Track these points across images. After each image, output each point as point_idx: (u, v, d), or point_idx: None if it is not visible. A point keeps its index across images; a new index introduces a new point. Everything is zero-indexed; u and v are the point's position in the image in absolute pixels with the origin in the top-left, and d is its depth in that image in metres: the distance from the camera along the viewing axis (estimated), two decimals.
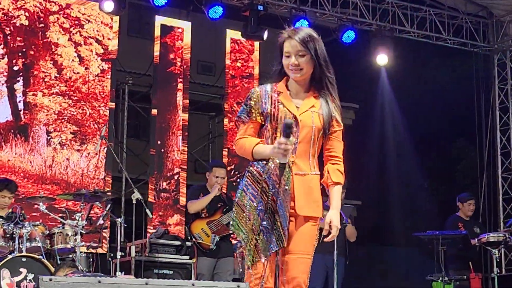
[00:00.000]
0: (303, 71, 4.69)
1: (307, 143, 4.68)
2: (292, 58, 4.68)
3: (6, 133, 12.15)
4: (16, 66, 12.48)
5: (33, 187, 12.02)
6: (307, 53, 4.66)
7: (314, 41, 4.70)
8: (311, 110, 4.70)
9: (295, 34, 4.71)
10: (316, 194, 4.73)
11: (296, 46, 4.67)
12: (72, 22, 12.93)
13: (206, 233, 9.36)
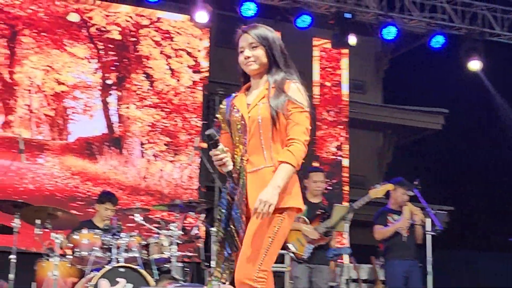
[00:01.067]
0: (257, 63, 4.54)
1: (257, 137, 4.43)
2: (245, 52, 4.55)
3: (100, 145, 12.43)
4: (109, 80, 12.77)
5: (128, 198, 12.25)
6: (259, 45, 4.54)
7: (266, 33, 4.59)
8: (260, 102, 4.47)
9: (248, 29, 4.61)
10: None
11: (248, 39, 4.55)
12: (163, 35, 13.16)
13: (301, 242, 9.26)
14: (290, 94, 4.42)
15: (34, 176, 11.86)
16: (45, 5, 12.49)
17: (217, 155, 4.33)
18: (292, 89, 4.45)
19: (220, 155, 4.32)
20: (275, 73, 4.54)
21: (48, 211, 8.42)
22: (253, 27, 4.61)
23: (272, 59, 4.56)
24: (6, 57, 12.21)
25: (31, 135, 12.02)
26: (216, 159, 4.34)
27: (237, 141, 4.50)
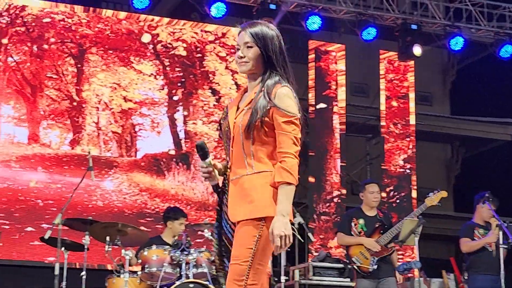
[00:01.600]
0: (249, 64, 4.22)
1: (239, 144, 4.15)
2: (239, 51, 4.27)
3: (168, 162, 12.50)
4: (176, 96, 12.85)
5: (196, 214, 12.27)
6: (255, 45, 4.21)
7: (264, 32, 4.24)
8: (246, 107, 4.18)
9: (245, 26, 4.30)
10: (254, 193, 4.09)
11: (244, 37, 4.25)
12: (228, 50, 13.20)
13: (364, 256, 9.22)
14: (277, 101, 4.09)
15: (103, 193, 11.97)
16: (111, 23, 12.64)
17: (203, 168, 4.20)
18: (280, 95, 4.10)
19: (206, 168, 4.19)
20: (269, 76, 4.21)
21: (117, 228, 8.48)
22: (252, 25, 4.28)
23: (267, 60, 4.22)
24: (74, 75, 12.38)
25: (99, 152, 12.14)
26: (203, 171, 4.22)
27: (226, 147, 4.29)
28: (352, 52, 14.53)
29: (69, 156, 11.96)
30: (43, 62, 12.27)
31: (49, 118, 12.08)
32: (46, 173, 11.74)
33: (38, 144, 11.92)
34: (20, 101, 12.02)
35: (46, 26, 12.26)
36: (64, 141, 12.07)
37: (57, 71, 12.32)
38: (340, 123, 13.91)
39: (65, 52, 12.38)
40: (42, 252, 10.98)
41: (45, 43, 12.28)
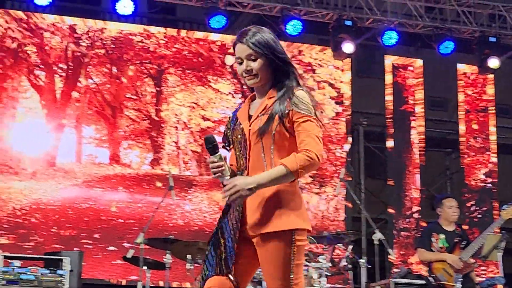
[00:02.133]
0: (258, 76, 4.07)
1: (258, 151, 3.99)
2: (243, 64, 4.09)
3: None
4: None
5: None
6: (260, 55, 4.05)
7: (266, 40, 4.07)
8: (261, 113, 4.03)
9: (242, 36, 4.09)
10: (279, 203, 3.94)
11: (244, 49, 4.06)
12: (304, 67, 13.23)
13: (448, 273, 9.07)
14: (295, 103, 3.97)
15: (183, 211, 12.08)
16: (188, 43, 12.79)
17: (214, 162, 3.93)
18: (298, 97, 3.99)
19: (217, 162, 3.92)
20: (279, 81, 4.08)
21: (198, 246, 8.53)
22: (249, 35, 4.07)
23: (274, 66, 4.08)
24: (153, 95, 12.56)
25: (179, 172, 12.27)
26: (213, 166, 3.93)
27: (238, 156, 4.08)
28: (430, 66, 14.40)
29: (149, 176, 12.12)
30: (123, 83, 12.48)
31: (129, 138, 12.27)
32: (127, 192, 11.92)
33: (119, 164, 12.12)
34: (101, 122, 12.25)
35: (125, 47, 12.48)
36: (144, 160, 12.24)
37: (136, 92, 12.52)
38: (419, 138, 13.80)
39: (144, 73, 12.58)
40: (125, 271, 11.14)
41: (124, 64, 12.50)
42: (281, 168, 3.85)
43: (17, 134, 11.78)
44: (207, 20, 11.93)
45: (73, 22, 12.35)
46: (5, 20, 12.01)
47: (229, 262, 3.96)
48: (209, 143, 3.93)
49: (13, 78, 11.95)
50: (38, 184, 11.68)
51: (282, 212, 3.92)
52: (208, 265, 4.03)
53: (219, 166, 3.90)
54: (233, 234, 3.97)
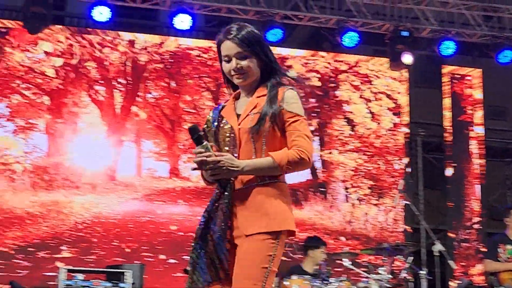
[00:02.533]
0: (248, 74, 3.97)
1: (249, 151, 3.86)
2: (232, 62, 3.96)
3: (305, 191, 12.58)
4: (311, 127, 12.90)
5: (335, 243, 12.29)
6: (250, 54, 3.95)
7: (255, 36, 3.98)
8: (251, 112, 3.92)
9: (230, 34, 3.96)
10: (268, 205, 3.82)
11: (233, 47, 3.95)
12: (361, 79, 13.23)
13: None
14: (285, 103, 3.88)
15: None
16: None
17: (201, 153, 3.78)
18: (287, 97, 3.89)
19: (205, 153, 3.77)
20: (267, 79, 3.99)
21: None
22: (237, 32, 3.97)
23: (263, 64, 3.99)
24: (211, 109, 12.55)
25: None
26: (200, 157, 3.78)
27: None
28: (488, 75, 14.27)
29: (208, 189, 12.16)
30: (181, 97, 12.61)
31: (188, 152, 12.38)
32: (187, 206, 12.03)
33: (179, 177, 12.23)
34: (160, 136, 12.39)
35: (183, 62, 12.61)
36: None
37: (194, 106, 12.64)
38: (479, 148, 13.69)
39: (202, 87, 12.70)
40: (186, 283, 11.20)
41: (182, 78, 12.63)
42: (269, 159, 3.80)
43: (78, 149, 11.96)
44: (264, 34, 11.98)
45: (132, 37, 12.52)
46: (65, 37, 12.23)
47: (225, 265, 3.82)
48: (194, 133, 3.82)
49: (73, 93, 12.16)
50: (99, 198, 11.84)
51: (268, 213, 3.80)
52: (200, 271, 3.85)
53: (207, 156, 3.75)
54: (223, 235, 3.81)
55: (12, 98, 11.89)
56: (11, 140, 11.79)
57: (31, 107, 11.95)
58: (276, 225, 3.81)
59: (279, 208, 3.84)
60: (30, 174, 11.67)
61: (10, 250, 11.28)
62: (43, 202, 11.56)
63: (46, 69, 12.11)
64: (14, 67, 11.97)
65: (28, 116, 11.90)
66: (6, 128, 11.82)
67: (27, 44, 12.09)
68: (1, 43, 11.97)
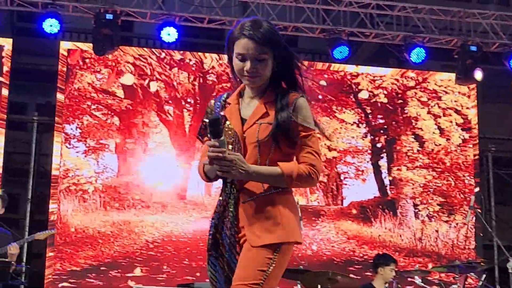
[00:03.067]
0: (261, 78, 3.72)
1: (253, 158, 3.66)
2: (247, 63, 3.67)
3: (374, 209, 12.52)
4: (379, 143, 12.89)
5: (405, 260, 12.19)
6: (268, 57, 3.68)
7: (275, 36, 3.70)
8: (259, 121, 3.68)
9: (248, 31, 3.64)
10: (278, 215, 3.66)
11: (254, 48, 3.65)
12: (429, 95, 13.13)
13: None
14: (298, 113, 3.70)
15: (311, 241, 12.13)
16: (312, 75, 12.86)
17: (216, 147, 3.52)
18: (299, 107, 3.71)
19: (220, 148, 3.52)
20: (278, 83, 3.79)
21: (328, 276, 8.55)
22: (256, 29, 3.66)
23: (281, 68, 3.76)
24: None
25: (306, 202, 12.33)
26: (214, 151, 3.53)
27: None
28: None
29: None
30: None
31: None
32: None
33: None
34: None
35: None
36: None
37: None
38: None
39: None
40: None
41: None
42: (277, 169, 3.64)
43: (148, 169, 12.10)
44: (331, 51, 11.99)
45: (200, 57, 12.64)
46: (134, 57, 12.40)
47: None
48: (216, 125, 3.53)
49: (143, 113, 12.31)
50: (169, 217, 11.96)
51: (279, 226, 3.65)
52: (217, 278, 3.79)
53: (221, 152, 3.52)
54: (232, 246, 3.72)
55: (83, 119, 12.09)
56: (82, 161, 11.99)
57: (102, 127, 12.13)
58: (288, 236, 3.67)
59: (288, 219, 3.69)
60: (101, 194, 11.84)
61: (82, 269, 11.45)
62: (114, 221, 11.72)
63: (116, 90, 12.29)
64: (85, 89, 12.18)
65: (99, 137, 12.09)
66: (77, 148, 12.01)
67: (97, 65, 12.29)
68: (72, 65, 12.19)
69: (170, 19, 11.58)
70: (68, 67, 12.16)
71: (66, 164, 11.86)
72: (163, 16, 11.69)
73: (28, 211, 12.22)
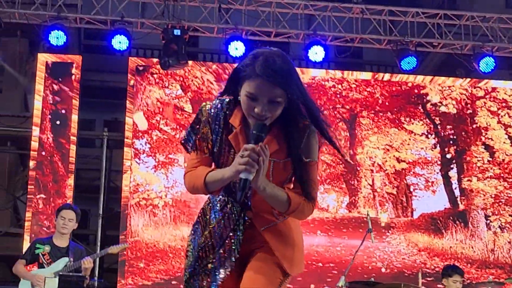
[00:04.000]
0: (271, 119, 3.45)
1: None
2: (258, 105, 3.39)
3: (445, 220, 12.38)
4: (448, 154, 12.75)
5: (477, 272, 12.03)
6: (283, 98, 3.41)
7: (291, 76, 3.41)
8: (272, 158, 3.46)
9: (267, 71, 3.35)
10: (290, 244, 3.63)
11: (267, 91, 3.37)
12: (499, 104, 12.96)
13: None
14: (308, 151, 3.54)
15: (382, 254, 12.04)
16: (380, 86, 12.83)
17: (253, 152, 3.30)
18: (308, 144, 3.54)
19: (257, 153, 3.30)
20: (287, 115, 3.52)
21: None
22: (273, 69, 3.36)
23: (288, 104, 3.48)
24: (346, 139, 12.66)
25: (376, 214, 12.26)
26: (252, 156, 3.29)
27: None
28: None
29: (346, 219, 12.18)
30: None
31: (325, 182, 12.40)
32: (325, 236, 12.03)
33: (317, 208, 12.25)
34: None
35: (318, 93, 12.66)
36: (341, 204, 12.33)
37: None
38: None
39: (337, 117, 12.71)
40: None
41: None
42: (284, 195, 3.49)
43: None
44: (398, 62, 11.93)
45: None
46: (202, 72, 12.49)
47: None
48: (263, 132, 3.36)
49: None
50: None
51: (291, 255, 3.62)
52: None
53: (257, 158, 3.30)
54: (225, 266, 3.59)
55: (152, 134, 12.20)
56: (152, 176, 12.09)
57: (170, 142, 12.23)
58: (295, 270, 3.65)
59: (299, 252, 3.67)
60: (171, 209, 11.92)
61: (153, 284, 11.53)
62: (184, 236, 11.78)
63: (184, 104, 12.39)
64: (154, 104, 12.30)
65: (168, 151, 12.19)
66: (147, 163, 12.13)
67: (165, 80, 12.41)
68: (141, 80, 12.32)
69: (237, 33, 11.65)
70: (136, 82, 12.30)
71: (136, 179, 11.98)
72: (230, 30, 11.76)
73: (99, 226, 12.35)
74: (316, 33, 11.92)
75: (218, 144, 3.57)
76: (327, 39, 12.03)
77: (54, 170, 11.87)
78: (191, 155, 3.64)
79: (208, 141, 3.58)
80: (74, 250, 8.59)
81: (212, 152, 3.60)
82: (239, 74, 3.45)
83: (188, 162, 3.67)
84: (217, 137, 3.57)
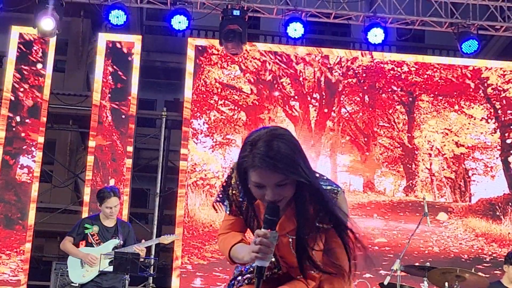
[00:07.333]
0: (286, 199, 3.25)
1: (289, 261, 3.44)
2: (268, 192, 3.22)
3: (504, 206, 12.22)
4: (509, 139, 12.57)
5: None
6: (290, 180, 3.19)
7: (295, 158, 3.19)
8: (289, 235, 3.36)
9: (267, 159, 3.16)
10: None
11: (272, 177, 3.17)
12: None
13: None
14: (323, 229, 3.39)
15: (439, 238, 11.95)
16: (440, 69, 12.69)
17: (267, 239, 3.17)
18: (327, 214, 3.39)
19: (271, 241, 3.18)
20: (305, 192, 3.30)
21: (455, 274, 8.40)
22: (273, 156, 3.15)
23: (304, 185, 3.25)
24: (405, 122, 12.57)
25: (433, 198, 12.16)
26: (264, 243, 3.16)
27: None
28: None
29: (403, 203, 12.11)
30: (375, 111, 12.58)
31: (383, 166, 12.34)
32: (382, 220, 11.98)
33: (373, 191, 12.21)
34: (354, 150, 12.41)
35: (376, 76, 12.59)
36: (398, 188, 12.26)
37: (388, 120, 12.58)
38: None
39: (395, 101, 12.62)
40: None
41: (376, 92, 12.61)
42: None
43: None
44: (459, 45, 11.79)
45: (326, 53, 12.64)
46: (261, 53, 12.50)
47: None
48: (275, 216, 3.23)
49: (269, 109, 12.40)
50: None
51: None
52: None
53: (269, 246, 3.17)
54: None
55: (210, 115, 12.26)
56: (209, 156, 12.16)
57: (228, 122, 12.28)
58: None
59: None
60: None
61: (209, 263, 11.62)
62: None
63: (242, 85, 12.42)
64: (212, 84, 12.36)
65: (226, 132, 12.24)
66: (204, 143, 12.20)
67: (224, 61, 12.45)
68: (200, 61, 12.38)
69: (296, 15, 11.63)
70: (195, 63, 12.35)
71: (193, 159, 12.06)
72: (289, 11, 11.75)
73: (157, 205, 12.47)
74: (376, 15, 11.84)
75: (245, 208, 3.48)
76: (387, 21, 11.95)
77: (113, 149, 12.02)
78: (225, 216, 3.57)
79: (238, 205, 3.48)
80: (122, 229, 8.68)
81: (242, 213, 3.51)
82: (242, 166, 3.26)
83: (222, 223, 3.62)
84: (243, 201, 3.47)
